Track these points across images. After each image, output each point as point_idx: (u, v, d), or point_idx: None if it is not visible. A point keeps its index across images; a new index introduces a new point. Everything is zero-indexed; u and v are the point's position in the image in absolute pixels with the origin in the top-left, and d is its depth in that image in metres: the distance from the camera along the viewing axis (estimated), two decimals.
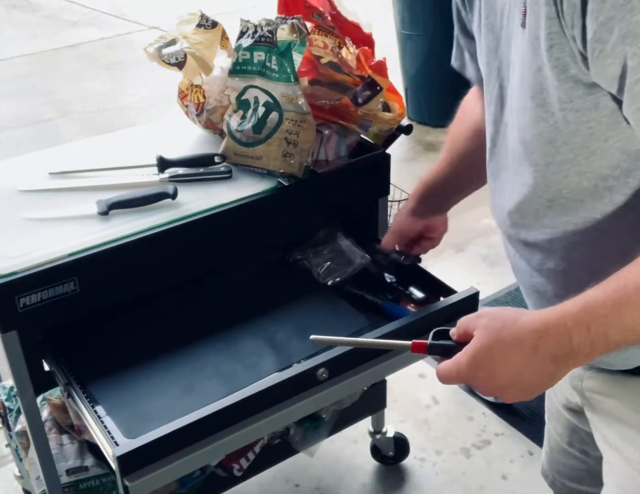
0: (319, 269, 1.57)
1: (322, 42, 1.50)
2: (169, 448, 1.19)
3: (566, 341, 0.81)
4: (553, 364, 0.82)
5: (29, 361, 1.36)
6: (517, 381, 0.85)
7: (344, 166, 1.59)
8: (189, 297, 1.53)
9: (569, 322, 0.81)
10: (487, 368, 0.85)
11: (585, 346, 0.80)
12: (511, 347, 0.83)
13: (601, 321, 0.79)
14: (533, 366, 0.83)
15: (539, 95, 0.88)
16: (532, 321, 0.84)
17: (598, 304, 0.80)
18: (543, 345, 0.82)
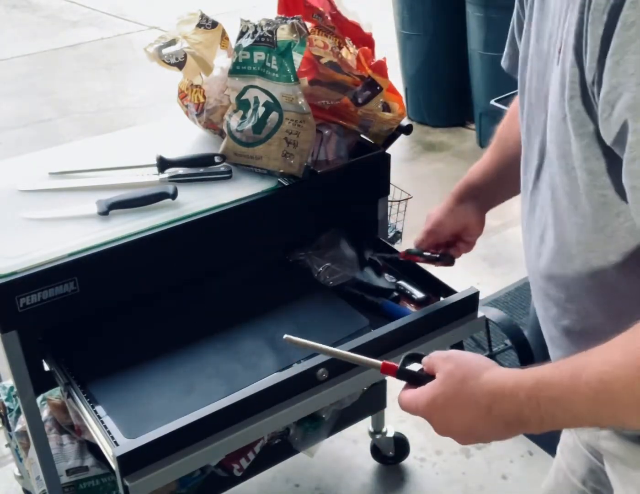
0: (320, 269, 1.57)
1: (322, 42, 1.50)
2: (169, 448, 1.19)
3: (517, 410, 0.81)
4: (505, 427, 0.83)
5: (29, 361, 1.36)
6: (471, 432, 0.87)
7: (344, 166, 1.59)
8: (189, 297, 1.53)
9: (522, 395, 0.80)
10: (443, 415, 0.87)
11: (535, 420, 0.80)
12: (467, 403, 0.85)
13: (551, 402, 0.78)
14: (486, 423, 0.84)
15: (562, 147, 0.82)
16: (491, 382, 0.84)
17: (551, 384, 0.79)
18: (496, 409, 0.82)
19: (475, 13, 3.54)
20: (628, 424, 0.78)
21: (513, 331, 2.15)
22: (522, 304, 2.68)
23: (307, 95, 1.48)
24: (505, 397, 0.82)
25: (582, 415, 0.78)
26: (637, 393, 0.72)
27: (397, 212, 2.71)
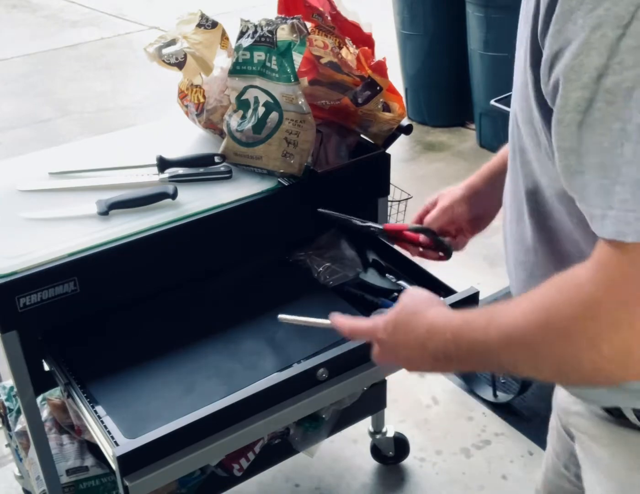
0: (320, 269, 1.57)
1: (322, 42, 1.50)
2: (169, 448, 1.19)
3: (444, 348, 0.87)
4: (434, 361, 0.90)
5: (29, 361, 1.36)
6: (409, 361, 0.96)
7: (344, 166, 1.59)
8: (189, 297, 1.53)
9: (448, 334, 0.87)
10: (391, 340, 0.97)
11: (458, 359, 0.87)
12: (410, 334, 0.93)
13: (469, 344, 0.84)
14: (421, 356, 0.92)
15: (527, 113, 0.83)
16: (431, 318, 0.92)
17: (472, 328, 0.84)
18: (429, 344, 0.90)
19: (475, 13, 3.54)
20: (529, 373, 0.82)
21: None
22: None
23: (307, 95, 1.48)
24: (436, 334, 0.89)
25: (493, 360, 0.84)
26: (533, 348, 0.76)
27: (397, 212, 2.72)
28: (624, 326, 0.68)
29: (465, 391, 2.35)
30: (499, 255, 3.04)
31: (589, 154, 0.69)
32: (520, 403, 2.26)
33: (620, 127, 0.66)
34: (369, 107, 1.56)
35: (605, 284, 0.69)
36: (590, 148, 0.68)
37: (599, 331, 0.70)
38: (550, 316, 0.74)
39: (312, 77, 1.50)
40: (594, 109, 0.67)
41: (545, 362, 0.76)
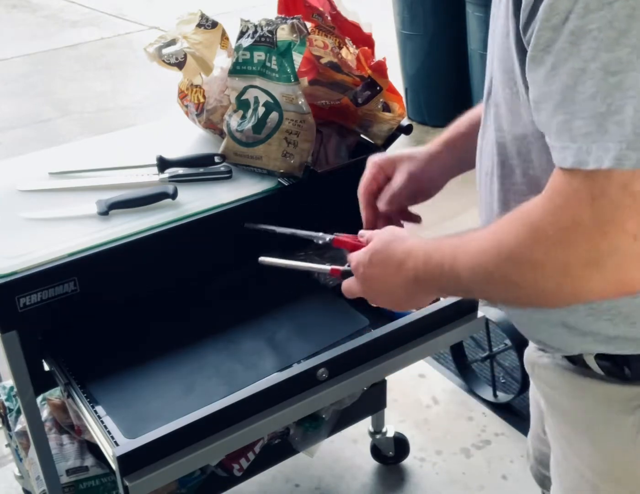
0: None
1: (322, 42, 1.50)
2: (169, 448, 1.19)
3: (422, 263, 0.92)
4: (415, 282, 0.94)
5: (29, 361, 1.36)
6: (387, 290, 0.99)
7: (344, 166, 1.59)
8: (189, 297, 1.53)
9: (421, 255, 0.92)
10: (370, 272, 1.00)
11: (434, 277, 0.91)
12: (388, 260, 0.97)
13: (438, 266, 0.89)
14: (399, 279, 0.96)
15: (507, 62, 0.86)
16: (409, 243, 0.96)
17: (442, 250, 0.90)
18: (405, 265, 0.94)
19: (475, 13, 3.54)
20: (492, 298, 0.91)
21: (513, 331, 2.15)
22: None
23: (307, 95, 1.48)
24: (411, 255, 0.94)
25: (458, 284, 0.88)
26: (491, 276, 0.82)
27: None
28: (571, 246, 0.73)
29: (465, 391, 2.35)
30: None
31: (554, 91, 0.73)
32: (520, 403, 2.26)
33: (581, 67, 0.70)
34: (369, 107, 1.56)
35: (555, 207, 0.74)
36: (554, 86, 0.73)
37: (545, 252, 0.75)
38: (501, 245, 0.80)
39: (312, 77, 1.50)
40: (559, 49, 0.72)
41: (501, 289, 0.83)
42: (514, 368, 2.26)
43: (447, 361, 2.44)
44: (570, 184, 0.72)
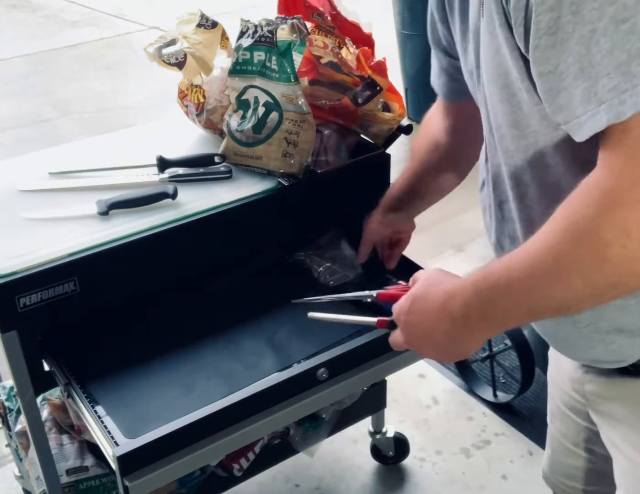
0: (320, 269, 1.57)
1: (322, 42, 1.50)
2: (169, 448, 1.19)
3: (464, 303, 0.88)
4: (452, 324, 0.89)
5: (29, 361, 1.36)
6: (429, 336, 0.94)
7: (344, 166, 1.59)
8: (189, 297, 1.53)
9: (469, 288, 0.88)
10: (409, 317, 0.96)
11: (478, 312, 0.87)
12: (429, 303, 0.93)
13: (491, 289, 0.85)
14: (442, 324, 0.91)
15: (502, 78, 0.86)
16: (451, 283, 0.93)
17: (492, 272, 0.86)
18: (448, 304, 0.90)
19: None
20: (559, 300, 0.81)
21: (513, 331, 2.15)
22: None
23: (307, 95, 1.48)
24: (457, 292, 0.89)
25: (518, 299, 0.83)
26: (561, 262, 0.77)
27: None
28: None
29: (465, 391, 2.35)
30: None
31: (569, 64, 0.73)
32: (520, 403, 2.26)
33: (590, 29, 0.70)
34: (369, 107, 1.56)
35: (615, 173, 0.72)
36: (568, 59, 0.73)
37: (623, 217, 0.72)
38: (571, 223, 0.76)
39: (312, 77, 1.50)
40: (563, 24, 0.72)
41: (575, 275, 0.76)
42: (514, 368, 2.26)
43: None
44: (617, 146, 0.72)
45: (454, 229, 3.14)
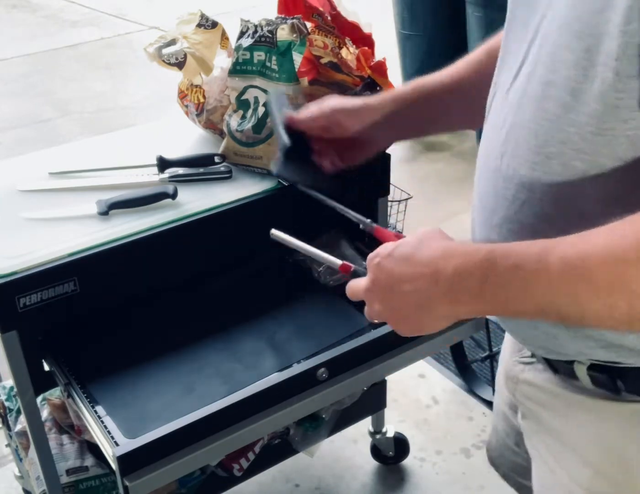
0: (320, 269, 1.57)
1: (322, 42, 1.50)
2: (169, 448, 1.19)
3: (463, 270, 0.76)
4: (436, 288, 0.77)
5: (29, 361, 1.36)
6: (399, 288, 0.80)
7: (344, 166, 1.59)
8: (189, 297, 1.53)
9: (477, 255, 0.76)
10: (386, 261, 0.82)
11: (478, 287, 0.75)
12: (417, 252, 0.80)
13: (510, 269, 0.73)
14: (421, 279, 0.78)
15: (587, 40, 0.73)
16: (454, 244, 0.81)
17: (515, 251, 0.74)
18: (442, 263, 0.77)
19: (475, 13, 3.54)
20: (586, 311, 0.71)
21: None
22: None
23: (307, 96, 1.48)
24: (457, 254, 0.76)
25: (539, 291, 0.72)
26: (610, 275, 0.67)
27: (397, 212, 2.72)
28: None
29: (465, 391, 2.35)
30: None
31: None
32: None
33: None
34: None
35: None
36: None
37: None
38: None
39: (312, 77, 1.50)
40: None
41: (627, 297, 0.67)
42: None
43: (447, 361, 2.44)
44: None
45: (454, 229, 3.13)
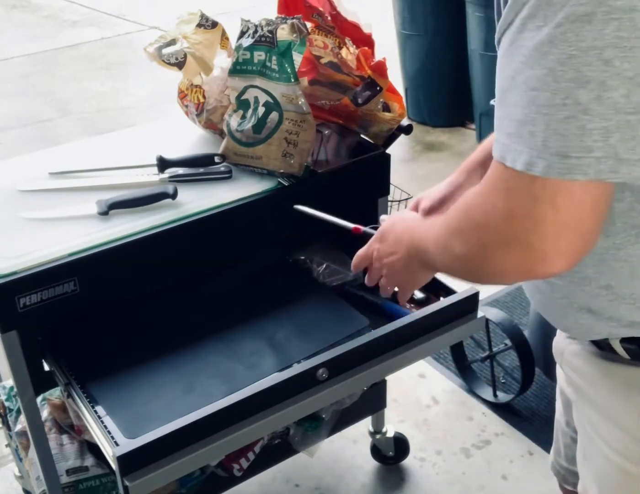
0: (320, 269, 1.57)
1: (322, 42, 1.50)
2: (169, 448, 1.19)
3: (411, 240, 1.07)
4: (409, 256, 1.07)
5: (29, 361, 1.36)
6: (398, 247, 1.11)
7: (344, 166, 1.59)
8: (189, 297, 1.53)
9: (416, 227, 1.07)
10: (384, 241, 1.15)
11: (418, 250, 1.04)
12: (404, 222, 1.13)
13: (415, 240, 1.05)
14: (405, 241, 1.09)
15: None
16: (409, 222, 1.13)
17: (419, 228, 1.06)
18: (404, 238, 1.09)
19: (475, 13, 3.54)
20: None
21: (513, 331, 2.15)
22: (522, 304, 2.68)
23: (307, 95, 1.48)
24: (410, 233, 1.08)
25: (427, 258, 1.01)
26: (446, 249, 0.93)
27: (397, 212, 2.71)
28: (488, 227, 0.83)
29: (465, 391, 2.35)
30: None
31: (497, 89, 0.81)
32: (520, 403, 2.26)
33: (510, 75, 0.77)
34: (369, 107, 1.56)
35: (482, 191, 0.84)
36: (498, 84, 0.81)
37: (470, 229, 0.87)
38: (449, 221, 0.93)
39: (312, 77, 1.50)
40: (501, 55, 0.80)
41: (450, 260, 0.94)
42: (514, 368, 2.26)
43: (447, 361, 2.44)
44: (494, 174, 0.82)
45: None
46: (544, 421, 2.21)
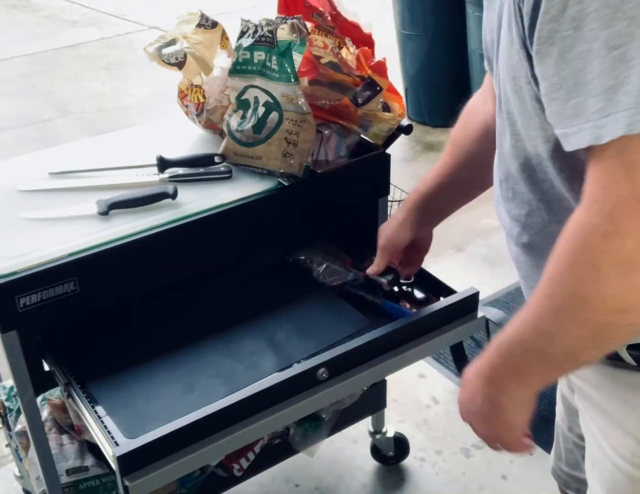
0: (320, 269, 1.57)
1: (322, 42, 1.50)
2: (169, 448, 1.19)
3: (491, 362, 0.94)
4: (490, 388, 0.94)
5: (29, 361, 1.36)
6: (474, 403, 0.99)
7: (344, 166, 1.59)
8: (189, 297, 1.53)
9: (492, 346, 0.94)
10: (463, 391, 1.02)
11: (505, 369, 0.92)
12: (471, 375, 0.98)
13: (509, 344, 0.92)
14: (479, 389, 0.96)
15: (512, 70, 0.88)
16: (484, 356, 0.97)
17: (506, 333, 0.92)
18: (480, 368, 0.95)
19: (475, 13, 3.54)
20: (563, 346, 0.85)
21: None
22: (522, 304, 2.67)
23: (307, 95, 1.48)
24: (484, 356, 0.95)
25: (530, 348, 0.88)
26: (559, 307, 0.84)
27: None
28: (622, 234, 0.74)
29: None
30: (499, 255, 3.04)
31: (565, 77, 0.75)
32: None
33: (587, 48, 0.73)
34: (369, 107, 1.56)
35: (593, 205, 0.76)
36: (565, 71, 0.75)
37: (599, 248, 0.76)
38: (561, 268, 0.82)
39: (312, 77, 1.50)
40: (563, 37, 0.74)
41: (565, 315, 0.82)
42: None
43: (447, 361, 2.44)
44: (598, 171, 0.75)
45: (454, 229, 3.14)
46: (543, 421, 2.20)
